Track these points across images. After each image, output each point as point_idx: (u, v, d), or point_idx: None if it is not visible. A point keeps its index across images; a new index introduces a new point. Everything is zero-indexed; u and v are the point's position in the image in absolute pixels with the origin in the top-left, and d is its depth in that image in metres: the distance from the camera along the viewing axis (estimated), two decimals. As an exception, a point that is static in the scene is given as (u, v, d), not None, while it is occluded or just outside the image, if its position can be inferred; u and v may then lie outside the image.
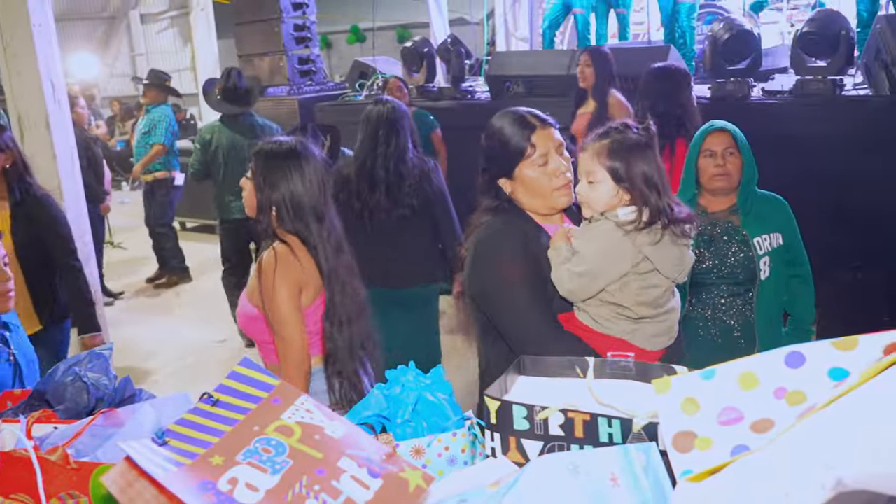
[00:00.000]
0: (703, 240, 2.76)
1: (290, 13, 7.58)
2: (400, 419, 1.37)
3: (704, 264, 2.74)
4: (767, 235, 2.74)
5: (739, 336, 2.76)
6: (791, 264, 2.82)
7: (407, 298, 3.73)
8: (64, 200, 4.17)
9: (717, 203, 2.82)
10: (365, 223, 3.58)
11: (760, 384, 0.97)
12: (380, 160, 3.58)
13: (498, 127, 2.05)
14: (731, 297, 2.76)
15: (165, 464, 1.04)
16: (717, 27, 5.36)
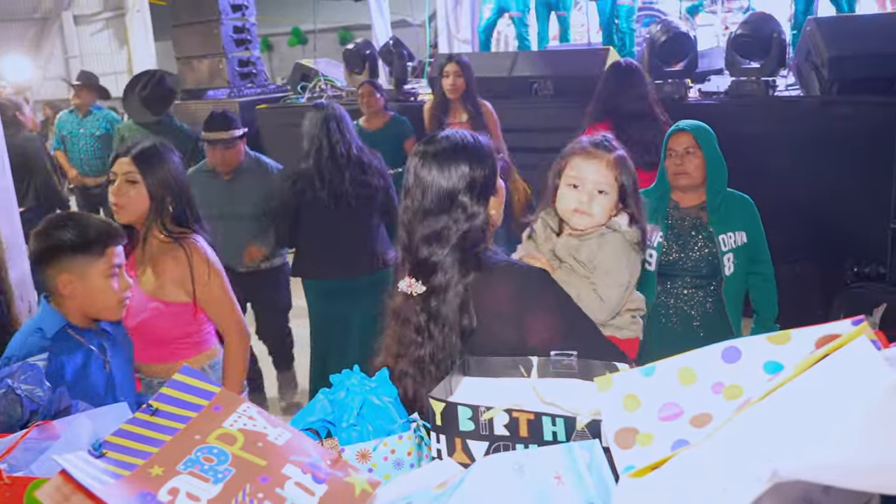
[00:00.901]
0: (673, 233, 2.89)
1: (229, 15, 7.47)
2: (345, 423, 1.36)
3: (671, 256, 2.86)
4: (732, 233, 2.84)
5: (699, 326, 2.88)
6: (754, 262, 2.92)
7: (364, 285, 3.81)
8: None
9: (687, 199, 2.93)
10: (331, 213, 3.69)
11: (699, 379, 0.99)
12: (339, 148, 3.70)
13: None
14: (693, 288, 2.88)
15: (103, 476, 1.02)
16: (655, 29, 5.46)
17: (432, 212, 1.66)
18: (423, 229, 1.66)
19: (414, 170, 1.69)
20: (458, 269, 1.66)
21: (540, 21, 7.57)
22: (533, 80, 5.76)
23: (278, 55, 17.33)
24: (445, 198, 1.65)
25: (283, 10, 14.35)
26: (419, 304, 1.68)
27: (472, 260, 1.67)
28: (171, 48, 8.12)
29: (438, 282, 1.65)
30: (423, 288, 1.66)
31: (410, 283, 1.68)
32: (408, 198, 1.69)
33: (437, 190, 1.65)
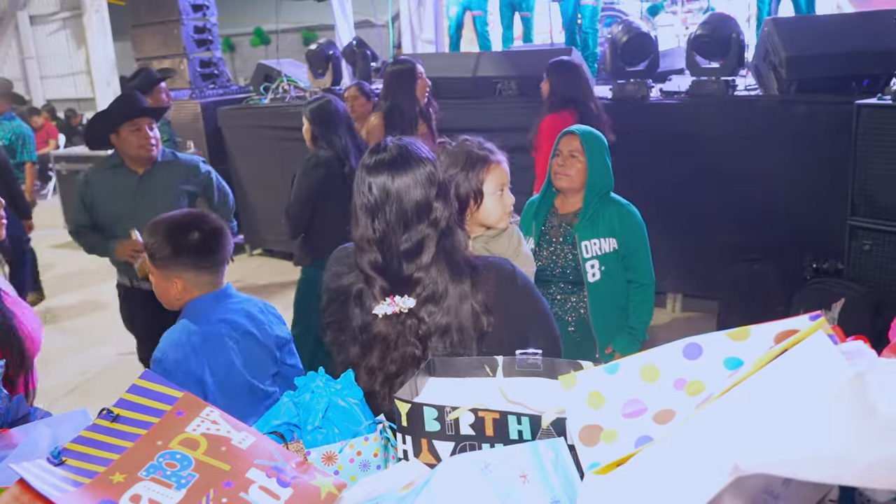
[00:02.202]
0: (545, 239, 2.93)
1: (189, 15, 7.39)
2: (310, 426, 1.35)
3: (541, 262, 2.89)
4: (598, 240, 2.85)
5: (574, 332, 2.89)
6: (629, 270, 2.93)
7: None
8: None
9: (567, 205, 2.96)
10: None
11: (661, 376, 1.00)
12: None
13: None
14: (564, 294, 2.91)
15: (62, 484, 1.00)
16: (617, 30, 5.50)
17: (411, 223, 1.61)
18: (404, 244, 1.61)
19: (377, 184, 1.61)
20: (449, 276, 1.63)
21: (504, 22, 7.61)
22: (496, 80, 5.78)
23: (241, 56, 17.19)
24: (423, 205, 1.61)
25: (246, 10, 14.24)
26: (411, 319, 1.62)
27: (461, 264, 1.65)
28: (131, 49, 8.00)
29: (430, 292, 1.62)
30: (413, 302, 1.62)
31: (394, 302, 1.62)
32: (378, 215, 1.61)
33: (410, 199, 1.60)
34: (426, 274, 1.62)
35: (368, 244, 1.64)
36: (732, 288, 4.75)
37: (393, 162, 1.62)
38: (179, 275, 2.16)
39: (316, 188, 3.91)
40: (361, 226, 1.65)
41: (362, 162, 1.67)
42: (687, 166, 4.98)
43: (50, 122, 12.83)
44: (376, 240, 1.63)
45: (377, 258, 1.64)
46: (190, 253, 2.15)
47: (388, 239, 1.62)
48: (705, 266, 5.08)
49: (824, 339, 0.88)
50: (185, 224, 2.19)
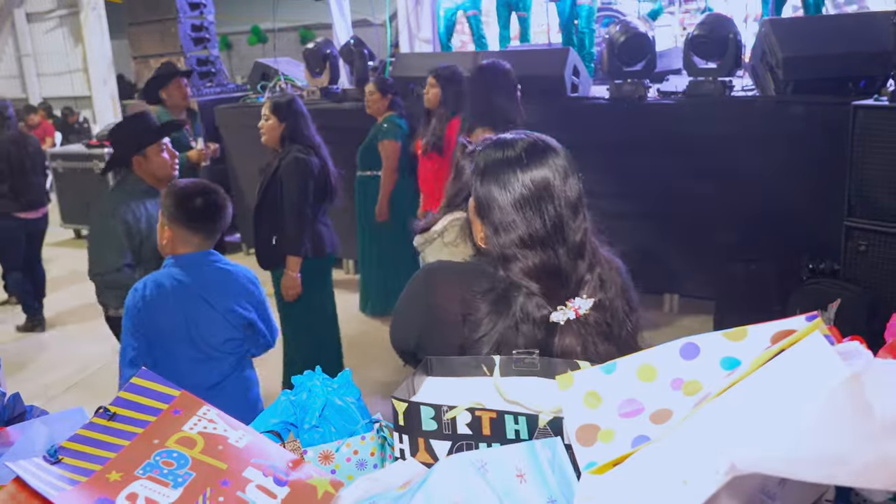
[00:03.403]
0: None
1: (187, 13, 7.39)
2: (308, 425, 1.35)
3: None
4: None
5: None
6: None
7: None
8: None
9: None
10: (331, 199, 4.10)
11: (658, 376, 1.01)
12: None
13: None
14: None
15: (59, 482, 1.00)
16: (614, 30, 5.51)
17: (577, 214, 1.52)
18: (573, 235, 1.51)
19: (535, 176, 1.49)
20: (607, 269, 1.55)
21: (501, 22, 7.61)
22: (494, 80, 5.77)
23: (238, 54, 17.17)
24: (580, 194, 1.52)
25: (243, 9, 14.21)
26: (594, 315, 1.50)
27: (607, 258, 1.58)
28: (128, 47, 8.00)
29: (599, 283, 1.52)
30: (591, 301, 1.50)
31: (574, 304, 1.48)
32: (544, 208, 1.49)
33: (571, 188, 1.51)
34: (594, 268, 1.53)
35: (539, 245, 1.49)
36: (729, 288, 4.76)
37: (543, 150, 1.52)
38: (172, 227, 2.61)
39: (312, 191, 3.92)
40: (523, 225, 1.49)
41: (497, 158, 1.54)
42: (684, 166, 4.99)
43: (46, 121, 12.81)
44: (546, 237, 1.49)
45: (550, 258, 1.49)
46: (187, 213, 2.59)
47: (560, 234, 1.50)
48: (702, 266, 5.10)
49: (821, 340, 0.88)
50: (194, 190, 2.64)
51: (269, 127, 3.99)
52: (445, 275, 1.68)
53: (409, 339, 1.68)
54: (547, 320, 1.48)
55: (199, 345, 2.61)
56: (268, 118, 4.00)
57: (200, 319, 2.61)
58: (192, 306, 2.59)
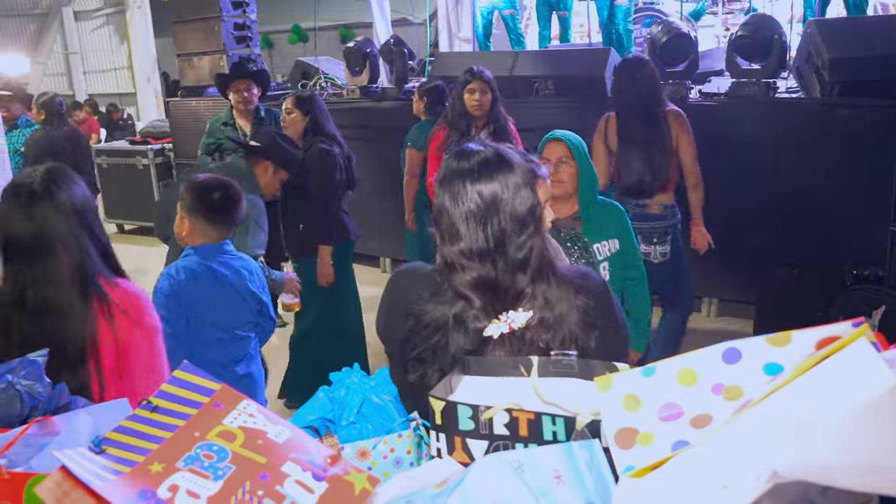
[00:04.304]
0: None
1: (230, 12, 7.46)
2: (345, 422, 1.36)
3: None
4: (606, 242, 2.83)
5: None
6: (627, 268, 2.92)
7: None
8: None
9: (559, 211, 2.87)
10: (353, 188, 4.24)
11: (699, 380, 1.00)
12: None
13: None
14: None
15: (103, 472, 1.02)
16: (656, 30, 5.46)
17: (524, 229, 1.51)
18: (517, 252, 1.51)
19: (486, 189, 1.50)
20: (556, 285, 1.54)
21: (541, 21, 7.59)
22: (534, 80, 5.76)
23: (279, 53, 17.34)
24: (531, 210, 1.52)
25: (284, 8, 14.35)
26: (531, 332, 1.50)
27: (562, 272, 1.56)
28: (172, 45, 8.11)
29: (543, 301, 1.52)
30: (528, 315, 1.49)
31: (508, 318, 1.48)
32: (489, 222, 1.50)
33: (522, 203, 1.51)
34: (537, 284, 1.52)
35: (478, 257, 1.51)
36: (770, 293, 4.69)
37: (496, 165, 1.53)
38: (192, 219, 2.77)
39: (339, 184, 4.06)
40: (466, 237, 1.51)
41: (453, 168, 1.56)
42: (725, 168, 4.92)
43: (92, 117, 13.04)
44: (486, 251, 1.51)
45: (488, 272, 1.51)
46: (207, 206, 2.77)
47: (501, 248, 1.50)
48: (742, 270, 5.02)
49: (867, 347, 0.86)
50: (213, 185, 2.82)
51: (292, 120, 4.14)
52: (405, 276, 1.72)
53: (378, 329, 1.74)
54: (480, 332, 1.49)
55: (224, 326, 2.83)
56: (291, 112, 4.16)
57: (228, 302, 2.81)
58: (220, 290, 2.79)
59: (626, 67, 4.03)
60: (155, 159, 8.59)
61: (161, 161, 8.62)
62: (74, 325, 1.90)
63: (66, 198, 1.92)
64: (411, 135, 5.26)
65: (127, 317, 1.98)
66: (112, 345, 1.95)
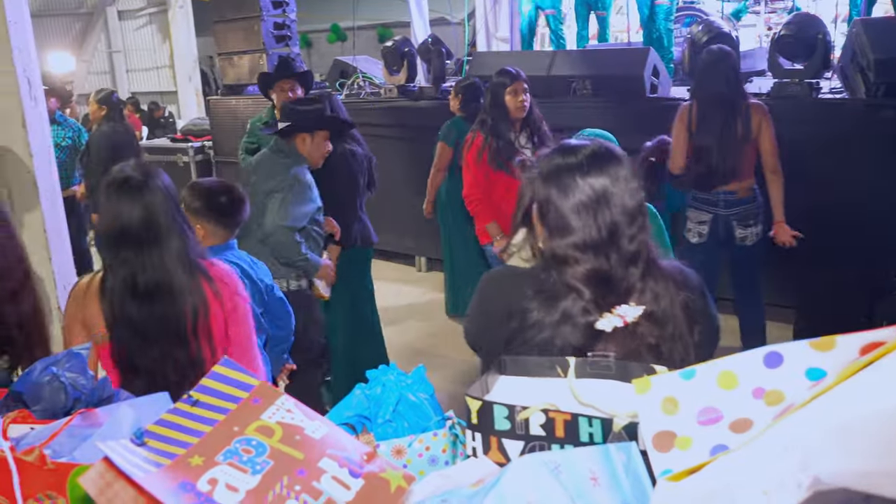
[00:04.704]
0: None
1: (270, 11, 7.54)
2: (381, 419, 1.37)
3: None
4: None
5: None
6: None
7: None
8: (39, 197, 4.13)
9: None
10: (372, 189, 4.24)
11: (739, 384, 0.98)
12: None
13: None
14: None
15: (144, 464, 1.04)
16: (696, 29, 5.40)
17: (633, 222, 1.53)
18: (629, 244, 1.52)
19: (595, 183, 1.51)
20: (661, 278, 1.55)
21: (579, 21, 7.54)
22: (571, 80, 5.73)
23: (317, 52, 17.44)
24: (639, 203, 1.54)
25: (323, 7, 14.44)
26: (642, 327, 1.50)
27: (664, 267, 1.58)
28: (213, 44, 8.22)
29: (653, 295, 1.52)
30: (640, 310, 1.49)
31: (620, 313, 1.48)
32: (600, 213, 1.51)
33: (632, 196, 1.53)
34: (647, 279, 1.53)
35: (591, 250, 1.51)
36: (811, 296, 4.61)
37: (606, 158, 1.55)
38: (202, 222, 2.77)
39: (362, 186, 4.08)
40: (579, 230, 1.52)
41: (559, 164, 1.57)
42: (766, 170, 4.85)
43: (134, 115, 13.26)
44: (600, 243, 1.51)
45: (602, 264, 1.51)
46: (216, 209, 2.82)
47: (614, 241, 1.51)
48: (782, 273, 4.94)
49: (913, 353, 0.85)
50: (219, 189, 2.88)
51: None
52: (501, 277, 1.76)
53: (470, 334, 1.79)
54: (591, 326, 1.49)
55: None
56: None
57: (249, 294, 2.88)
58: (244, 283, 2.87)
59: (710, 57, 4.07)
60: (195, 157, 8.70)
61: (201, 158, 8.73)
62: (185, 303, 2.10)
63: (163, 187, 2.10)
64: (443, 130, 5.33)
65: (228, 288, 2.22)
66: (220, 315, 2.18)
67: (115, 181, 2.08)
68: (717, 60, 3.99)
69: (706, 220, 4.07)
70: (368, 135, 5.86)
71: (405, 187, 6.39)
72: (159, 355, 2.09)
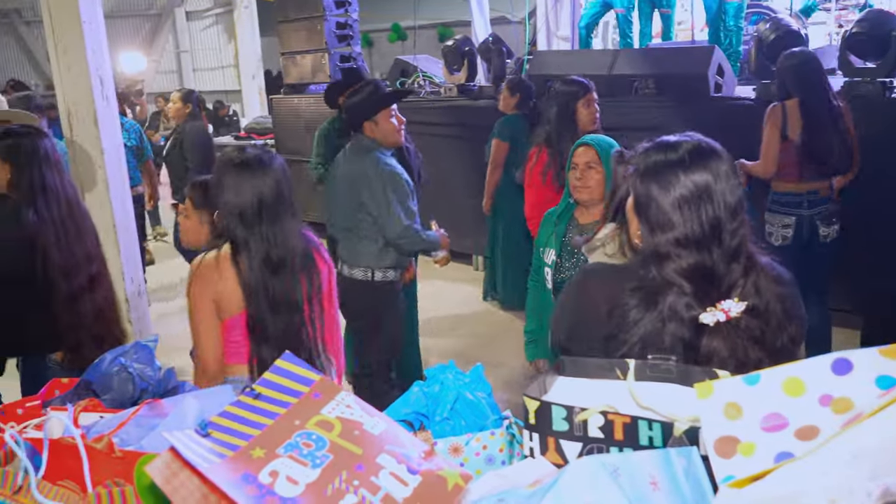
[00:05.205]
0: (566, 250, 2.87)
1: (332, 11, 7.63)
2: (439, 417, 1.37)
3: (563, 274, 2.84)
4: None
5: None
6: None
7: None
8: (110, 193, 4.26)
9: (587, 215, 2.88)
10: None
11: (806, 391, 0.96)
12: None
13: None
14: None
15: (208, 455, 1.06)
16: (764, 27, 5.28)
17: (735, 217, 1.52)
18: (731, 239, 1.51)
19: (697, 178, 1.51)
20: (762, 275, 1.55)
21: (643, 19, 7.43)
22: (634, 79, 5.66)
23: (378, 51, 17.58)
24: (740, 198, 1.53)
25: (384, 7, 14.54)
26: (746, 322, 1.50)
27: (764, 265, 1.58)
28: (276, 43, 8.34)
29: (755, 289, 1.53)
30: (743, 305, 1.48)
31: (723, 307, 1.47)
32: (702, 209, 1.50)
33: (733, 191, 1.52)
34: (749, 274, 1.53)
35: (694, 245, 1.51)
36: (880, 302, 4.47)
37: (707, 154, 1.55)
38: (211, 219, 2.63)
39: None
40: (680, 225, 1.51)
41: (659, 160, 1.57)
42: (835, 172, 4.72)
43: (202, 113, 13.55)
44: (702, 238, 1.51)
45: (704, 260, 1.51)
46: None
47: (716, 236, 1.51)
48: (851, 278, 4.80)
49: None
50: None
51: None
52: (597, 273, 1.75)
53: (561, 333, 1.75)
54: (695, 321, 1.48)
55: None
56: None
57: None
58: None
59: (799, 58, 4.16)
60: (258, 155, 8.85)
61: (264, 156, 8.88)
62: (309, 274, 2.30)
63: (283, 164, 2.30)
64: (497, 127, 5.35)
65: (327, 264, 2.42)
66: (328, 276, 2.42)
67: (245, 161, 2.23)
68: (807, 61, 4.10)
69: (790, 223, 4.10)
70: (427, 134, 5.89)
71: (464, 186, 6.40)
72: (287, 324, 2.26)
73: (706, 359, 1.48)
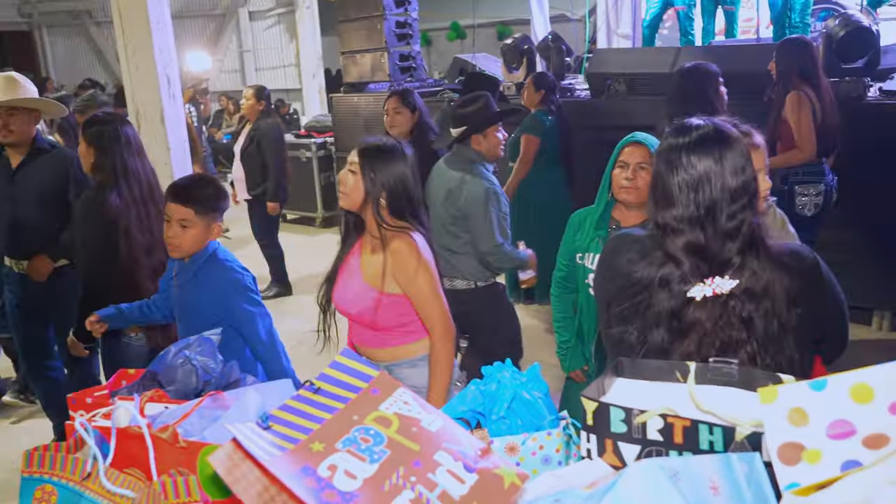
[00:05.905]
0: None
1: (392, 10, 7.68)
2: (495, 416, 1.37)
3: None
4: None
5: None
6: None
7: None
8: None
9: (631, 217, 2.74)
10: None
11: (875, 398, 0.93)
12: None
13: None
14: None
15: (269, 448, 1.08)
16: (833, 23, 5.13)
17: (736, 200, 1.61)
18: (728, 222, 1.61)
19: (702, 161, 1.61)
20: (765, 258, 1.62)
21: (706, 16, 7.30)
22: (696, 77, 5.55)
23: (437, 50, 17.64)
24: (745, 182, 1.61)
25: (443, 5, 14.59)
26: (734, 301, 1.59)
27: (770, 247, 1.64)
28: (336, 43, 8.43)
29: (751, 272, 1.60)
30: (733, 283, 1.59)
31: (714, 283, 1.59)
32: (701, 191, 1.61)
33: (736, 175, 1.61)
34: (747, 255, 1.61)
35: (688, 223, 1.62)
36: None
37: (714, 140, 1.63)
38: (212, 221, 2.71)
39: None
40: (679, 204, 1.63)
41: (673, 143, 1.67)
42: (907, 173, 4.58)
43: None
44: (696, 218, 1.62)
45: (697, 237, 1.62)
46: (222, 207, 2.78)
47: (710, 216, 1.61)
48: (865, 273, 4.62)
49: None
50: (201, 182, 2.80)
51: (403, 119, 4.21)
52: (619, 239, 1.90)
53: (601, 290, 1.93)
54: (684, 294, 1.61)
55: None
56: (399, 111, 4.20)
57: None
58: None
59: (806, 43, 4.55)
60: (317, 152, 8.97)
61: (323, 154, 8.99)
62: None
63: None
64: (529, 121, 5.38)
65: None
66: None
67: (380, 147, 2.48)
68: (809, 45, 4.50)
69: (820, 190, 4.33)
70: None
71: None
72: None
73: (688, 329, 1.60)
